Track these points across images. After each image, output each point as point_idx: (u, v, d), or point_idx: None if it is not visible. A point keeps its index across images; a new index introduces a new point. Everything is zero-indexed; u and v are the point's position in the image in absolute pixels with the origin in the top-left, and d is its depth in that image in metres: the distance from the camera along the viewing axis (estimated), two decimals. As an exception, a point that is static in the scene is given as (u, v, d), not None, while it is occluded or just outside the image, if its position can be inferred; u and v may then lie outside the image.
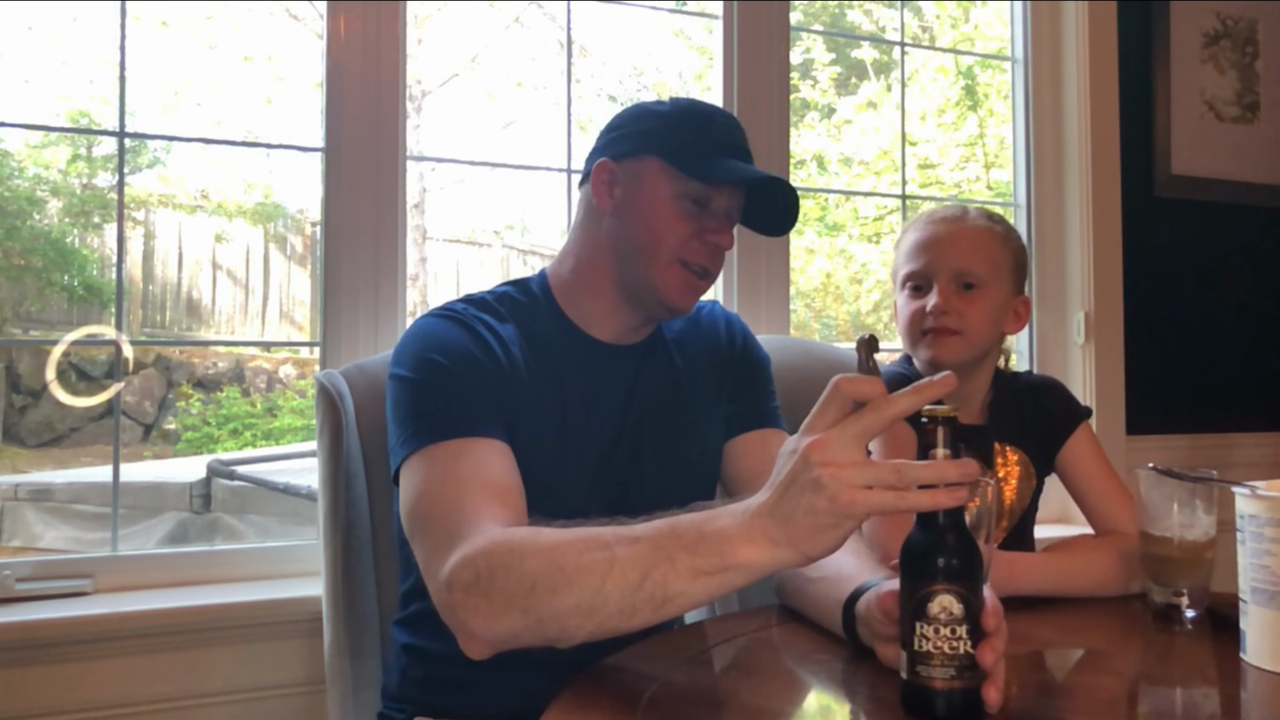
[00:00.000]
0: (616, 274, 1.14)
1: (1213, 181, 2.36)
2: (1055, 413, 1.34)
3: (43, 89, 5.47)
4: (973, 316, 1.25)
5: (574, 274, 1.18)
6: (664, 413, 1.18)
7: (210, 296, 6.04)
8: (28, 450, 5.33)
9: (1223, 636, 0.96)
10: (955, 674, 0.72)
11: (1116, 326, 2.21)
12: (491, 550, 0.86)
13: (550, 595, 0.81)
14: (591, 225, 1.17)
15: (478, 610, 0.85)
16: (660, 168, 1.11)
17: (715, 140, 1.12)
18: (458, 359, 1.06)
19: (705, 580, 0.77)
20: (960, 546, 0.74)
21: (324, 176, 1.68)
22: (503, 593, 0.83)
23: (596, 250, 1.16)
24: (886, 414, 0.73)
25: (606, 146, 1.17)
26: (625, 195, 1.13)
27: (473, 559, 0.86)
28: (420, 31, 5.60)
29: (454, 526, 0.91)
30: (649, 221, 1.11)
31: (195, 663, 1.49)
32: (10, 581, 1.46)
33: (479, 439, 1.00)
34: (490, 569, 0.84)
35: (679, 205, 1.11)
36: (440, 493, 0.95)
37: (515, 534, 0.88)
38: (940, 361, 1.25)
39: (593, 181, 1.15)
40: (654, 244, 1.11)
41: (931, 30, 4.96)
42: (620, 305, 1.16)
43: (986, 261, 1.27)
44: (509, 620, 0.84)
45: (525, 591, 0.82)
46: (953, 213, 1.30)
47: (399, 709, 1.15)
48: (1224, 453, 2.30)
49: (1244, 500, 0.89)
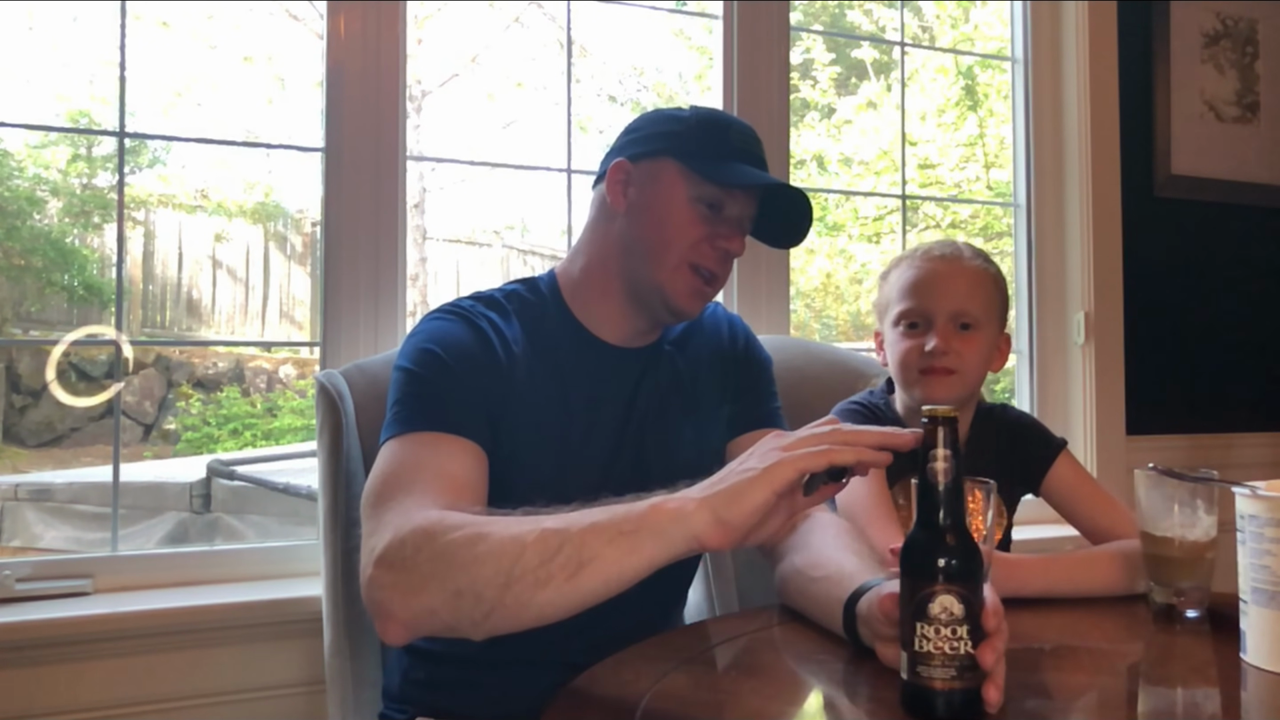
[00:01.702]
0: (625, 274, 1.14)
1: (1213, 181, 2.36)
2: (1032, 448, 1.35)
3: (43, 89, 5.47)
4: (969, 356, 1.27)
5: (583, 274, 1.18)
6: (667, 414, 1.18)
7: (210, 296, 6.04)
8: (28, 450, 5.33)
9: (1223, 636, 0.96)
10: (955, 674, 0.72)
11: (1116, 326, 2.21)
12: (421, 527, 0.86)
13: (468, 564, 0.81)
14: (603, 225, 1.17)
15: (396, 586, 0.85)
16: (677, 170, 1.12)
17: (733, 147, 1.13)
18: (454, 353, 1.06)
19: (620, 541, 0.78)
20: (960, 547, 0.74)
21: (324, 176, 1.68)
22: (422, 567, 0.83)
23: (607, 250, 1.16)
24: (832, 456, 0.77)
25: (624, 148, 1.17)
26: (640, 195, 1.13)
27: (401, 537, 0.86)
28: (420, 31, 5.60)
29: (397, 508, 0.91)
30: (662, 222, 1.12)
31: (195, 663, 1.49)
32: (10, 581, 1.46)
33: (453, 436, 1.01)
34: (415, 544, 0.85)
35: (693, 208, 1.12)
36: (398, 476, 0.96)
37: (448, 513, 0.88)
38: (937, 400, 1.26)
39: (608, 181, 1.15)
40: (665, 245, 1.11)
41: (931, 30, 4.96)
42: (627, 308, 1.16)
43: (983, 302, 1.29)
44: (426, 596, 0.83)
45: (444, 564, 0.82)
46: (949, 251, 1.31)
47: (400, 710, 1.15)
48: (1224, 453, 2.30)
49: (1244, 500, 0.89)
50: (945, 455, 0.75)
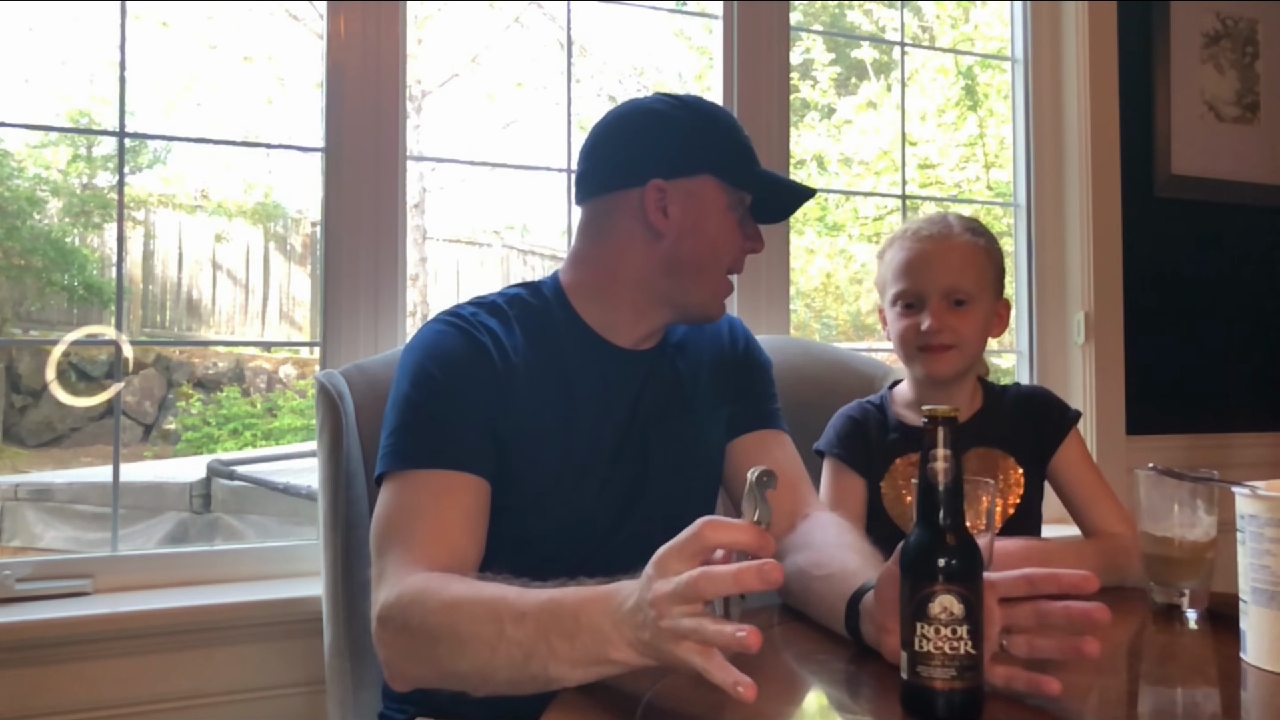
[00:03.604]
0: (665, 291, 1.14)
1: (1213, 181, 2.36)
2: (1047, 417, 1.36)
3: (43, 89, 5.47)
4: (965, 330, 1.29)
5: (597, 281, 1.15)
6: (668, 415, 1.18)
7: (210, 296, 6.04)
8: (28, 450, 5.33)
9: (1223, 636, 0.96)
10: (955, 674, 0.72)
11: (1116, 326, 2.21)
12: (406, 602, 0.91)
13: (450, 656, 0.87)
14: (636, 241, 1.12)
15: (395, 649, 0.92)
16: (715, 185, 1.13)
17: (746, 146, 1.16)
18: (452, 372, 1.06)
19: (584, 670, 0.80)
20: (960, 547, 0.74)
21: (324, 176, 1.68)
22: (414, 644, 0.90)
23: (642, 266, 1.13)
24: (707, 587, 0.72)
25: (652, 164, 1.11)
26: (683, 214, 1.11)
27: (392, 604, 0.92)
28: (420, 31, 5.60)
29: (394, 562, 0.96)
30: (711, 239, 1.13)
31: (195, 663, 1.49)
32: (10, 581, 1.46)
33: (454, 473, 1.02)
34: (404, 619, 0.90)
35: (730, 217, 1.14)
36: (399, 522, 1.00)
37: (427, 587, 0.91)
38: (938, 375, 1.31)
39: (646, 201, 1.11)
40: (715, 260, 1.14)
41: (931, 30, 4.97)
42: (651, 315, 1.16)
43: (975, 276, 1.31)
44: (421, 669, 0.91)
45: (430, 647, 0.88)
46: (938, 229, 1.32)
47: (400, 710, 1.15)
48: (1224, 453, 2.30)
49: (1244, 500, 0.89)
50: (945, 455, 0.75)
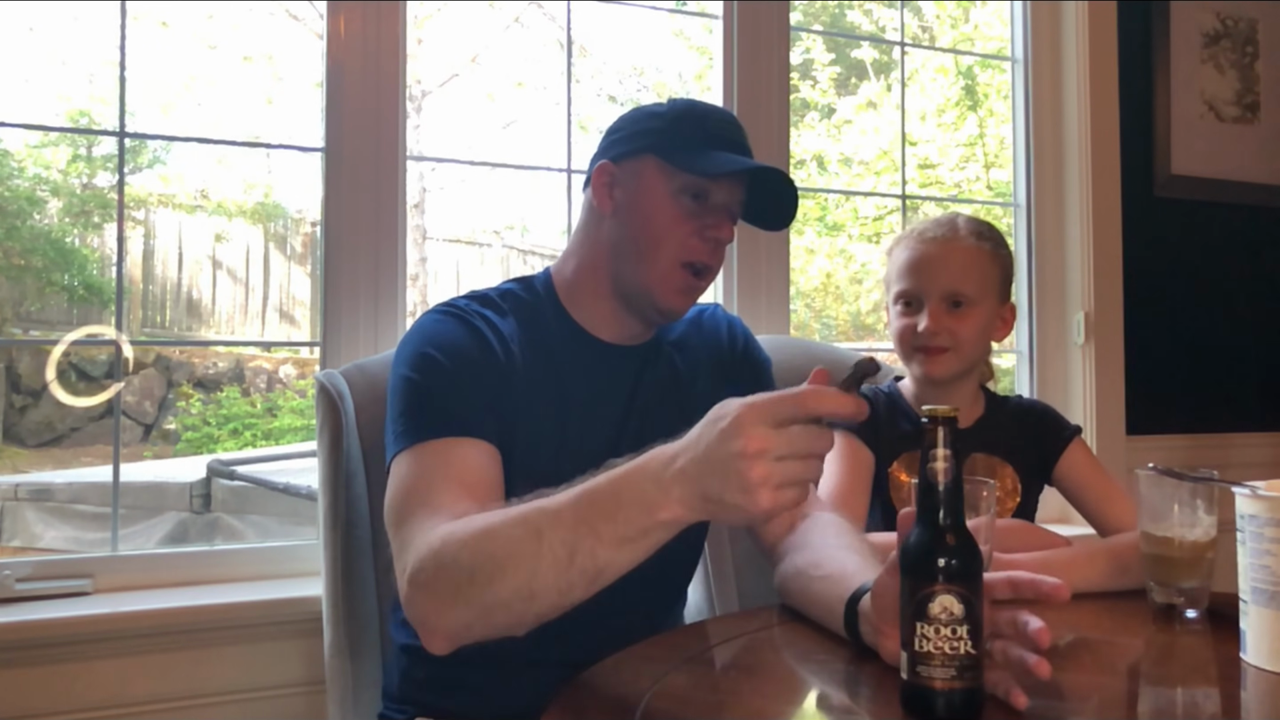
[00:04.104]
0: (614, 276, 1.15)
1: (1213, 181, 2.36)
2: (1047, 432, 1.36)
3: (43, 89, 5.47)
4: (963, 333, 1.29)
5: (576, 275, 1.19)
6: (665, 414, 1.17)
7: (210, 296, 6.03)
8: (28, 450, 5.33)
9: (1223, 636, 0.96)
10: (955, 674, 0.72)
11: (1116, 326, 2.21)
12: (436, 548, 0.88)
13: (488, 584, 0.83)
14: (593, 227, 1.17)
15: (429, 604, 0.88)
16: (657, 165, 1.12)
17: (710, 135, 1.13)
18: (454, 356, 1.06)
19: (632, 546, 0.79)
20: (960, 547, 0.74)
21: (324, 176, 1.68)
22: (447, 587, 0.86)
23: (597, 252, 1.16)
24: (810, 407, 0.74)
25: (607, 149, 1.18)
26: (625, 195, 1.13)
27: (424, 557, 0.88)
28: (420, 31, 5.59)
29: (421, 524, 0.92)
30: (649, 220, 1.11)
31: (195, 663, 1.49)
32: (10, 581, 1.46)
33: (464, 438, 1.01)
34: (437, 564, 0.87)
35: (678, 202, 1.11)
36: (416, 490, 0.97)
37: (453, 528, 0.89)
38: (933, 376, 1.31)
39: (593, 184, 1.16)
40: (655, 243, 1.11)
41: (931, 30, 4.96)
42: (619, 309, 1.17)
43: (977, 280, 1.30)
44: (458, 613, 0.86)
45: (466, 583, 0.85)
46: (944, 231, 1.32)
47: (400, 710, 1.15)
48: (1224, 453, 2.30)
49: (1244, 500, 0.89)
50: (945, 455, 0.75)
